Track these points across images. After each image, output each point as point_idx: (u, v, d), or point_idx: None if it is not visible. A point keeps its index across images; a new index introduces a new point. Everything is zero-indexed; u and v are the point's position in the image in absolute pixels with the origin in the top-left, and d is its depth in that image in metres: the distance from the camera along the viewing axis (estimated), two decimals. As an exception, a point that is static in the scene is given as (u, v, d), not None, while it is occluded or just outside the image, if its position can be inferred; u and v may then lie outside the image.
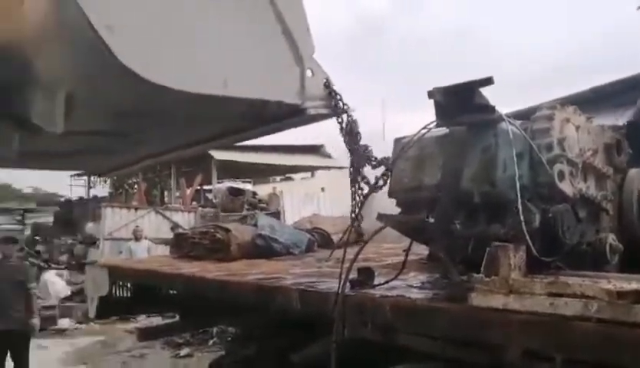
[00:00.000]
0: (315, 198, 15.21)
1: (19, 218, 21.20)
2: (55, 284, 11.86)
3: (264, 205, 15.06)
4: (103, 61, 1.86)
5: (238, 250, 4.22)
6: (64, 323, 10.90)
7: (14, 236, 8.24)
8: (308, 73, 2.34)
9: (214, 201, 16.39)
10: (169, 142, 2.70)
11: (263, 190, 18.80)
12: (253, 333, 3.65)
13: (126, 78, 1.85)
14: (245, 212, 12.62)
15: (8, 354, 6.44)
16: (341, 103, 2.36)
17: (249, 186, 18.52)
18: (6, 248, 6.92)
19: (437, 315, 1.89)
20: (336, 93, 2.38)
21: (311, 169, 28.41)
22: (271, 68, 2.26)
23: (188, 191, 19.43)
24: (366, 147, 2.34)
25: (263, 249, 4.34)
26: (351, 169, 2.35)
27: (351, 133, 2.35)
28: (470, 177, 2.23)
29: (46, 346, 7.34)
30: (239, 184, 17.79)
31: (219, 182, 19.76)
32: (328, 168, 28.77)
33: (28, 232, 18.98)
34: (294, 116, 2.41)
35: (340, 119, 2.40)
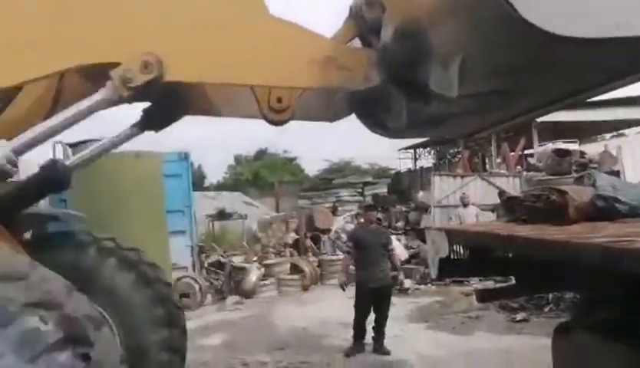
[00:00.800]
0: (662, 153, 13.15)
1: (359, 190, 23.89)
2: (396, 248, 13.07)
3: (595, 166, 13.72)
4: (500, 21, 1.98)
5: (575, 212, 4.00)
6: (405, 283, 11.99)
7: (375, 204, 9.51)
8: None
9: (538, 164, 15.63)
10: (548, 95, 2.68)
11: (592, 149, 17.10)
12: (600, 299, 3.44)
13: (521, 33, 1.94)
14: (573, 174, 11.72)
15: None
16: None
17: (574, 146, 17.10)
18: (367, 215, 8.05)
19: None
20: None
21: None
22: None
23: (511, 155, 18.98)
24: None
25: (604, 211, 4.01)
26: None
27: None
28: None
29: (394, 304, 8.26)
30: (563, 145, 16.57)
31: (540, 145, 18.78)
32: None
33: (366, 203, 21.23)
34: None
35: None
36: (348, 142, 37.08)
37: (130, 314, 3.67)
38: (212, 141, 36.12)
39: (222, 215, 17.43)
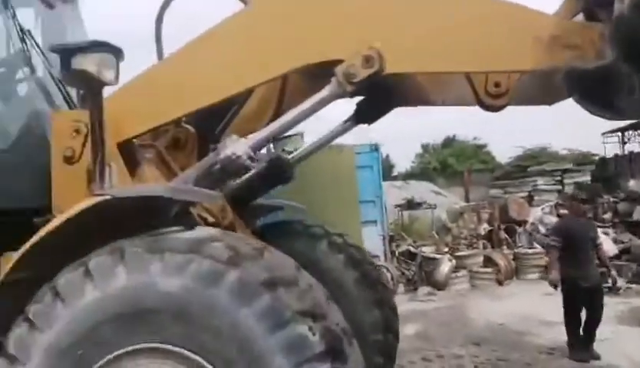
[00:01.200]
0: None
1: (558, 178, 22.09)
2: (604, 242, 11.95)
3: None
4: None
5: None
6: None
7: (583, 196, 8.84)
8: None
9: None
10: None
11: None
12: None
13: None
14: None
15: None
16: None
17: None
18: (575, 207, 7.49)
19: None
20: None
21: None
22: None
23: None
24: None
25: None
26: None
27: None
28: None
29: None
30: None
31: None
32: None
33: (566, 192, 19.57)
34: None
35: None
36: (543, 126, 34.55)
37: (352, 313, 3.33)
38: (399, 130, 36.21)
39: (411, 204, 17.47)
